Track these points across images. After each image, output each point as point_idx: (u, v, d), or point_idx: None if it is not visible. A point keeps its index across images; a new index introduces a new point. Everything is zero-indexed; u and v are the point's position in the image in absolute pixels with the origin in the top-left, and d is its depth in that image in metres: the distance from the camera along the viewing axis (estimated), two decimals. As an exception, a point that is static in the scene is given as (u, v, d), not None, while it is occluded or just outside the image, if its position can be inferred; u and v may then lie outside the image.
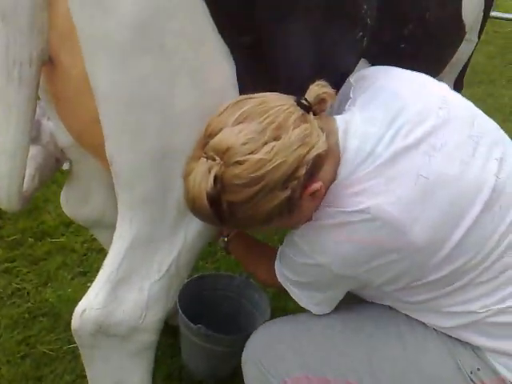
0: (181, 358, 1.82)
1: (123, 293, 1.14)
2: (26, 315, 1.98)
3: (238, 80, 1.04)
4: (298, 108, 1.02)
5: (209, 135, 0.99)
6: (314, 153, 0.99)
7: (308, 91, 1.04)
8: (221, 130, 0.98)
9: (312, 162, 0.99)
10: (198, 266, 2.24)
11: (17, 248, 2.28)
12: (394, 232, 1.01)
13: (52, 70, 1.11)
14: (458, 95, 1.17)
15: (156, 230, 1.13)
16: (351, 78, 1.19)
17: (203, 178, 0.97)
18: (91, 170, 1.42)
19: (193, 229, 1.16)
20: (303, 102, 1.03)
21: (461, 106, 1.13)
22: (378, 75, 1.16)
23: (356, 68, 1.24)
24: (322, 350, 1.19)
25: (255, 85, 1.03)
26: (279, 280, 1.20)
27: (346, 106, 1.15)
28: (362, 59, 1.26)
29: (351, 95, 1.15)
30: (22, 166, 1.18)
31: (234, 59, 1.01)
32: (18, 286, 2.11)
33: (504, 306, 1.08)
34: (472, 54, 1.81)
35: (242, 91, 1.05)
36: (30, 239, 2.33)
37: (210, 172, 0.97)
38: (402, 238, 1.01)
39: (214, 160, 0.97)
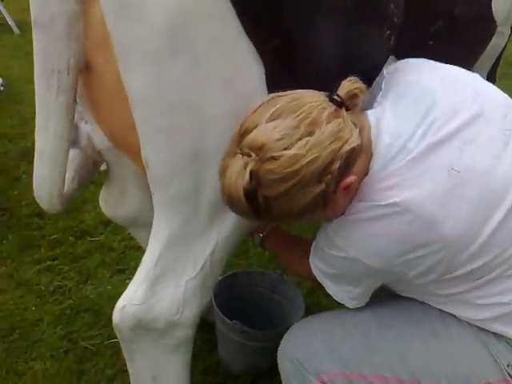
0: (217, 353, 1.87)
1: (161, 289, 1.18)
2: (68, 311, 2.06)
3: (267, 83, 1.06)
4: (331, 104, 1.03)
5: (243, 132, 1.01)
6: (347, 147, 1.01)
7: (340, 87, 1.06)
8: (255, 126, 1.00)
9: (345, 157, 1.01)
10: (232, 263, 2.27)
11: (58, 247, 2.37)
12: (427, 225, 1.02)
13: (88, 76, 1.15)
14: (491, 86, 1.16)
15: (190, 229, 1.16)
16: (384, 70, 1.20)
17: (239, 174, 0.99)
18: (127, 171, 1.46)
19: (225, 227, 1.19)
20: (335, 97, 1.04)
21: (493, 97, 1.13)
22: (411, 68, 1.16)
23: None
24: (357, 346, 1.20)
25: (285, 87, 1.05)
26: (314, 273, 1.21)
27: (378, 98, 1.16)
28: (391, 57, 1.26)
29: (383, 86, 1.16)
30: (62, 169, 1.23)
31: (263, 62, 1.03)
32: (59, 283, 2.19)
33: None
34: (505, 46, 1.79)
35: (270, 93, 1.06)
36: (70, 238, 2.41)
37: (245, 168, 0.99)
38: (434, 232, 1.02)
39: (249, 156, 0.99)
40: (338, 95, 1.04)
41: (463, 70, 1.18)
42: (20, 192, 2.65)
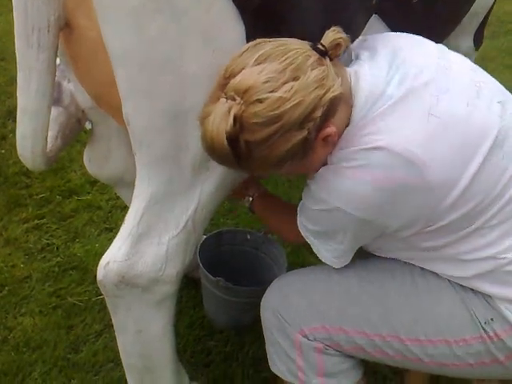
0: (202, 308, 1.91)
1: (144, 247, 1.21)
2: (56, 269, 2.09)
3: (247, 40, 1.06)
4: (314, 52, 1.04)
5: (228, 76, 1.01)
6: (330, 95, 1.02)
7: (324, 36, 1.07)
8: (241, 70, 1.00)
9: (328, 104, 1.02)
10: (219, 222, 2.30)
11: (45, 205, 2.37)
12: (410, 168, 1.03)
13: (69, 34, 1.15)
14: (456, 52, 1.20)
15: (172, 187, 1.18)
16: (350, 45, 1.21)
17: (223, 118, 1.00)
18: (111, 130, 1.47)
19: (208, 186, 1.20)
20: (319, 46, 1.05)
21: (459, 58, 1.18)
22: (378, 37, 1.19)
23: (367, 25, 1.25)
24: (338, 301, 1.23)
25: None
26: (301, 232, 1.23)
27: (352, 63, 1.17)
28: (374, 15, 1.26)
29: (352, 57, 1.18)
30: (44, 126, 1.23)
31: (243, 19, 1.03)
32: (47, 241, 2.21)
33: None
34: (493, 4, 1.78)
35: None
36: (57, 197, 2.42)
37: (229, 112, 0.99)
38: (417, 175, 1.04)
39: (233, 100, 1.00)
40: (321, 44, 1.05)
41: (429, 40, 1.20)
42: (7, 151, 2.64)
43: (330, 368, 1.23)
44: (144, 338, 1.31)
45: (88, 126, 1.58)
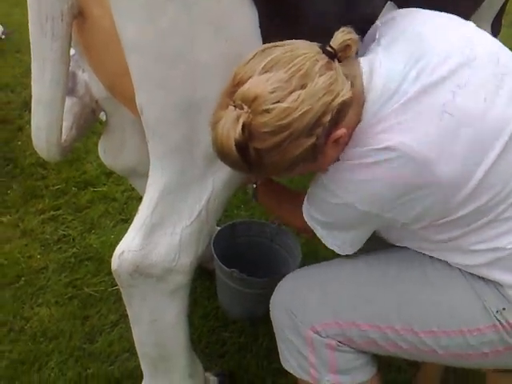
0: (217, 299, 1.92)
1: (157, 237, 1.21)
2: (72, 260, 2.11)
3: (260, 28, 1.05)
4: (323, 55, 1.03)
5: (237, 84, 1.01)
6: (338, 100, 1.01)
7: (333, 38, 1.05)
8: (248, 78, 1.00)
9: (337, 110, 1.02)
10: (233, 213, 2.30)
11: (61, 197, 2.39)
12: (420, 168, 1.03)
13: (82, 23, 1.15)
14: (484, 33, 1.15)
15: (185, 178, 1.18)
16: (377, 21, 1.18)
17: (231, 126, 1.00)
18: (125, 121, 1.47)
19: (220, 177, 1.20)
20: (328, 49, 1.04)
21: (486, 43, 1.13)
22: (403, 18, 1.15)
23: (383, 11, 1.22)
24: (350, 296, 1.22)
25: (278, 32, 1.04)
26: (307, 221, 1.22)
27: (372, 46, 1.15)
28: (389, 2, 1.24)
29: (376, 36, 1.15)
30: (59, 116, 1.24)
31: (255, 6, 1.03)
32: (63, 232, 2.23)
33: None
34: (511, -6, 1.75)
35: (264, 39, 1.06)
36: (73, 188, 2.44)
37: (238, 120, 0.99)
38: (428, 174, 1.03)
39: (242, 108, 0.99)
40: (330, 46, 1.04)
41: (456, 17, 1.16)
42: (23, 142, 2.67)
43: (343, 365, 1.22)
44: (158, 328, 1.32)
45: (103, 116, 1.59)
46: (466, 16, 1.24)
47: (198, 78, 1.08)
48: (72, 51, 1.34)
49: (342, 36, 1.05)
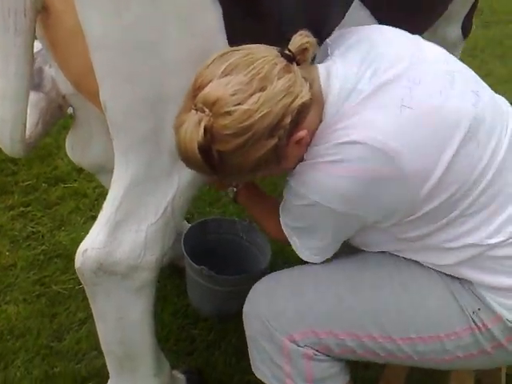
0: (187, 297, 1.91)
1: (122, 234, 1.20)
2: (41, 257, 2.08)
3: (225, 24, 1.05)
4: (282, 59, 1.05)
5: (198, 87, 1.03)
6: (298, 102, 1.03)
7: (291, 41, 1.08)
8: (209, 82, 1.01)
9: (297, 111, 1.04)
10: (205, 211, 2.30)
11: (31, 193, 2.36)
12: (384, 161, 1.04)
13: (46, 17, 1.13)
14: (431, 42, 1.20)
15: (150, 174, 1.17)
16: (327, 39, 1.21)
17: (194, 129, 1.01)
18: (92, 116, 1.46)
19: (186, 173, 1.20)
20: (286, 52, 1.06)
21: (434, 48, 1.18)
22: (353, 31, 1.19)
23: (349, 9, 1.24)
24: (327, 304, 1.21)
25: (243, 28, 1.04)
26: (283, 229, 1.23)
27: (326, 59, 1.17)
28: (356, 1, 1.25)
29: (329, 52, 1.18)
30: (23, 111, 1.22)
31: (220, 3, 1.03)
32: (33, 229, 2.20)
33: (502, 238, 1.11)
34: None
35: (229, 35, 1.07)
36: (43, 184, 2.41)
37: (200, 123, 1.01)
38: (392, 167, 1.05)
39: (203, 112, 1.01)
40: (289, 50, 1.06)
41: (404, 31, 1.20)
42: (-7, 138, 2.62)
43: (319, 373, 1.22)
44: (124, 325, 1.31)
45: (70, 111, 1.57)
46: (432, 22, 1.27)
47: (165, 72, 1.08)
48: (39, 46, 1.32)
49: (300, 39, 1.07)
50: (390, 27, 1.20)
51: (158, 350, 1.43)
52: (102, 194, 2.38)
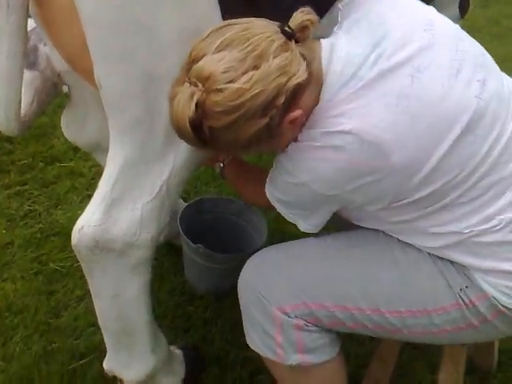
0: (183, 274, 1.93)
1: (118, 212, 1.21)
2: (38, 235, 2.09)
3: (220, 4, 1.04)
4: (281, 35, 1.03)
5: (192, 60, 1.01)
6: (293, 82, 1.02)
7: (292, 18, 1.05)
8: (203, 56, 1.00)
9: (291, 91, 1.02)
10: (202, 190, 2.31)
11: (28, 172, 2.36)
12: (375, 153, 1.04)
13: (40, -6, 1.13)
14: (444, 19, 1.16)
15: (146, 153, 1.18)
16: (339, 4, 1.18)
17: (186, 102, 1.00)
18: (87, 94, 1.45)
19: (182, 152, 1.20)
20: (286, 29, 1.04)
21: (446, 29, 1.14)
22: (363, 4, 1.15)
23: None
24: (317, 277, 1.23)
25: (238, 8, 1.04)
26: (269, 199, 1.23)
27: (334, 29, 1.15)
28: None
29: (339, 19, 1.16)
30: (17, 90, 1.22)
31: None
32: (29, 207, 2.21)
33: (488, 226, 1.11)
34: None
35: (224, 17, 1.06)
36: (40, 163, 2.41)
37: (192, 97, 1.00)
38: (382, 159, 1.04)
39: (196, 86, 1.00)
40: (289, 26, 1.04)
41: (418, 1, 1.17)
42: (-11, 116, 2.61)
43: (309, 344, 1.24)
44: (120, 302, 1.32)
45: (65, 89, 1.56)
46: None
47: (159, 51, 1.08)
48: (34, 24, 1.31)
49: (301, 16, 1.04)
50: None
51: (155, 327, 1.45)
52: (98, 173, 2.36)
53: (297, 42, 1.05)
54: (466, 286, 1.16)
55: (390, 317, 1.20)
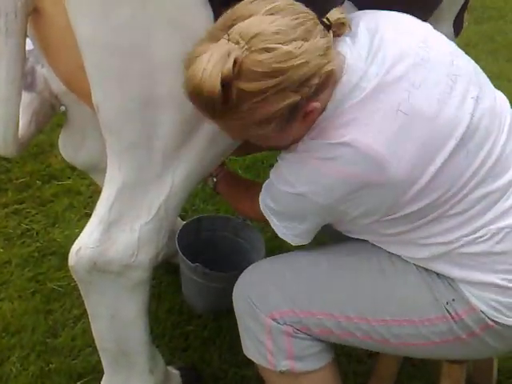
0: (181, 293, 1.93)
1: (115, 233, 1.21)
2: (36, 254, 2.08)
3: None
4: (319, 23, 1.04)
5: (236, 18, 0.99)
6: (328, 67, 1.03)
7: (330, 13, 1.07)
8: (250, 15, 0.98)
9: (325, 76, 1.03)
10: (199, 208, 2.31)
11: (25, 190, 2.36)
12: (373, 166, 1.05)
13: (38, 19, 1.14)
14: (440, 35, 1.19)
15: (143, 175, 1.18)
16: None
17: (220, 59, 0.95)
18: (85, 115, 1.46)
19: (180, 173, 1.20)
20: (325, 21, 1.05)
21: (442, 45, 1.16)
22: (362, 18, 1.17)
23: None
24: (307, 287, 1.26)
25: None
26: (261, 210, 1.24)
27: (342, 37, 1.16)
28: (347, 1, 1.26)
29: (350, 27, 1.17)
30: (15, 112, 1.22)
31: (210, 4, 1.03)
32: (27, 226, 2.20)
33: (475, 236, 1.12)
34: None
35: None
36: (37, 182, 2.40)
37: (229, 55, 0.95)
38: (380, 172, 1.06)
39: (237, 43, 0.96)
40: (328, 19, 1.06)
41: (414, 18, 1.19)
42: (-14, 135, 2.62)
43: (299, 351, 1.25)
44: (118, 323, 1.32)
45: (62, 108, 1.57)
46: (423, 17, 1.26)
47: (156, 74, 1.08)
48: (32, 46, 1.33)
49: (339, 13, 1.07)
50: (404, 15, 1.18)
51: (153, 347, 1.45)
52: (96, 192, 2.37)
53: (333, 35, 1.07)
54: (453, 299, 1.16)
55: (376, 325, 1.21)
